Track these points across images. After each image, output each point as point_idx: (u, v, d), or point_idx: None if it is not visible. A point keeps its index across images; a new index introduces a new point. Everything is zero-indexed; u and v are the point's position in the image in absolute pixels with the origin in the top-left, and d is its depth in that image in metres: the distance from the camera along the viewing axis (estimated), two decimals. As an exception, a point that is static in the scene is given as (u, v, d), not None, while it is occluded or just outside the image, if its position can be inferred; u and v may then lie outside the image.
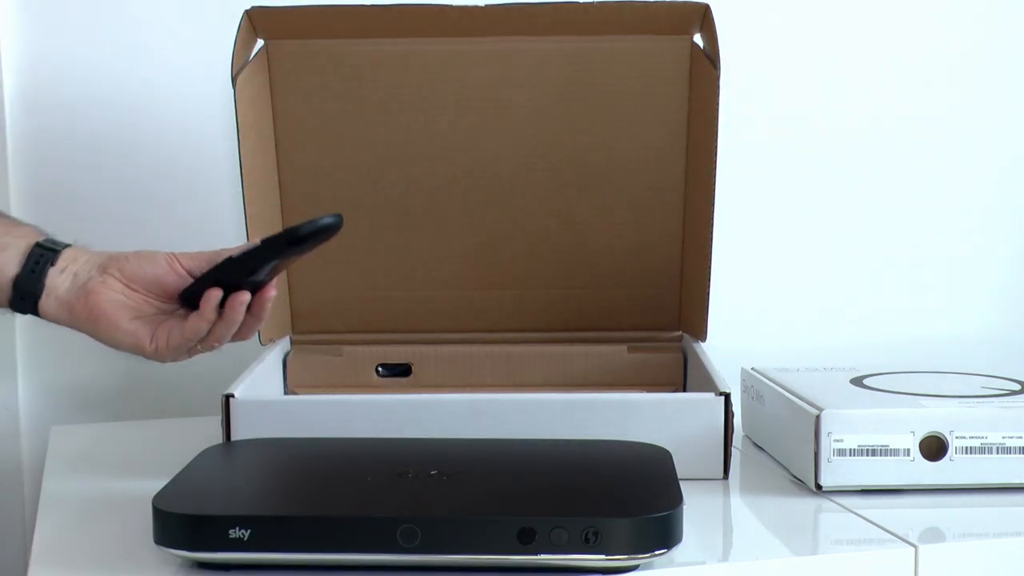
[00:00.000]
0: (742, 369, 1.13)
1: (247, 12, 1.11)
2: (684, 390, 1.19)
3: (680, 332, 1.23)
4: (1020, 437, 0.93)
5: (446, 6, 1.12)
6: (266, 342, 1.18)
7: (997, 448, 0.93)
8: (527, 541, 0.75)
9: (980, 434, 0.93)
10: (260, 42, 1.15)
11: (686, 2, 1.11)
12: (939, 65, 1.41)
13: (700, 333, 1.16)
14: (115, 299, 0.94)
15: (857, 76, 1.40)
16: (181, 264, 0.95)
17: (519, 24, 1.13)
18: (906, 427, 0.93)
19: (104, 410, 1.30)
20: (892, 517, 0.88)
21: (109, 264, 0.96)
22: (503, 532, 0.75)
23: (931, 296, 1.44)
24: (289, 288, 1.22)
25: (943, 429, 0.93)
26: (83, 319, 0.95)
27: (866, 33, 1.40)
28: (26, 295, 0.95)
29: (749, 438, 1.11)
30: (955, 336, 1.44)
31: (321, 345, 1.22)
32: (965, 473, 0.93)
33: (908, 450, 0.93)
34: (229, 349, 1.32)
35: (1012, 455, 0.93)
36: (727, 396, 0.97)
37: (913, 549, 0.82)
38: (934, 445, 0.93)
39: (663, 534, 0.76)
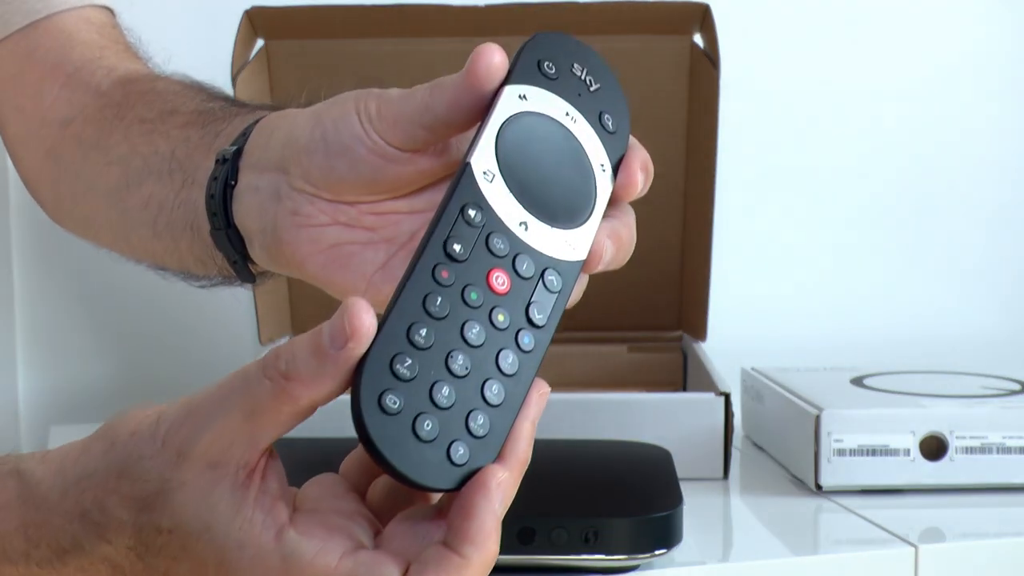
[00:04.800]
0: (742, 369, 1.13)
1: (247, 12, 1.11)
2: (684, 390, 1.19)
3: (680, 332, 1.22)
4: (1020, 437, 0.93)
5: (446, 6, 1.12)
6: (265, 342, 1.17)
7: (997, 448, 0.93)
8: (527, 541, 0.75)
9: (980, 434, 0.93)
10: (260, 42, 1.15)
11: (686, 2, 1.11)
12: (943, 64, 1.41)
13: (700, 333, 1.16)
14: (323, 240, 0.56)
15: (857, 76, 1.40)
16: (376, 131, 0.57)
17: (519, 24, 1.13)
18: (906, 427, 0.93)
19: (104, 410, 1.30)
20: (892, 517, 0.88)
21: (289, 161, 0.57)
22: (503, 532, 0.75)
23: (932, 296, 1.44)
24: (289, 288, 1.22)
25: (943, 429, 0.93)
26: (302, 276, 0.59)
27: (868, 32, 1.40)
28: (229, 255, 0.61)
29: (749, 438, 1.11)
30: (955, 336, 1.44)
31: (321, 345, 1.22)
32: (965, 473, 0.93)
33: (908, 450, 0.93)
34: (228, 349, 1.32)
35: (1012, 455, 0.93)
36: (727, 396, 0.97)
37: (913, 549, 0.82)
38: (934, 445, 0.93)
39: (663, 534, 0.76)
